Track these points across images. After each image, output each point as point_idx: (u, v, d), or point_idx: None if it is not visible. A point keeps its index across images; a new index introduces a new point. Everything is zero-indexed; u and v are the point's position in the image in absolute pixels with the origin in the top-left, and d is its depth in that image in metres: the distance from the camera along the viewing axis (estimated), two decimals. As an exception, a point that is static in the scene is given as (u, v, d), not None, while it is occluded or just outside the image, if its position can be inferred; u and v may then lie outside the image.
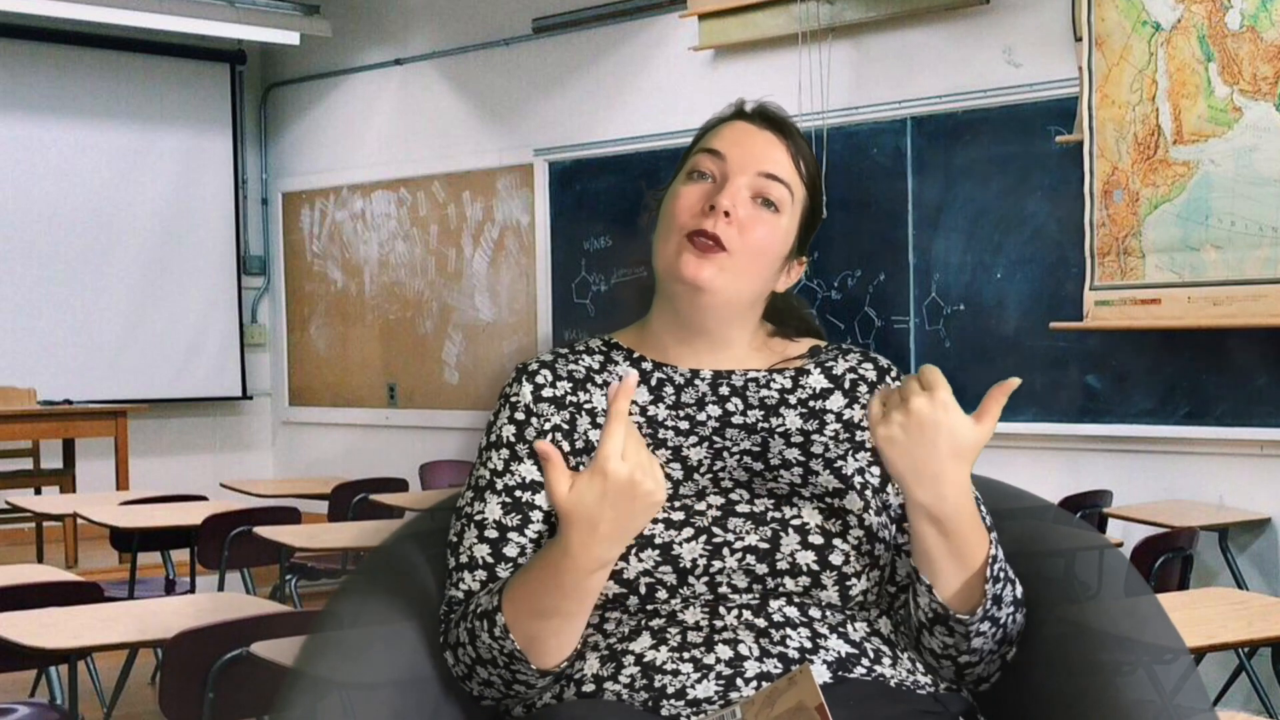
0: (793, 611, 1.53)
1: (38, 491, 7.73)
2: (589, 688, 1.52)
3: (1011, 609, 1.56)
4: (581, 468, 1.61)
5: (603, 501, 1.42)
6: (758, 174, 1.64)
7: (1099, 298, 5.48)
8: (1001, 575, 1.53)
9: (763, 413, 1.66)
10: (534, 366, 1.68)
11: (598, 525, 1.43)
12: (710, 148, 1.65)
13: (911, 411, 1.45)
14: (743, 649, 1.50)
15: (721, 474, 1.60)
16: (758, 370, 1.69)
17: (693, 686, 1.48)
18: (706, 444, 1.63)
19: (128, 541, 4.97)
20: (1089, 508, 5.15)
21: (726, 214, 1.61)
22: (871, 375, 1.70)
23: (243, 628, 2.96)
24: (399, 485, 6.10)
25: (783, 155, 1.66)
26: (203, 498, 5.67)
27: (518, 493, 1.62)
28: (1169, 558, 4.21)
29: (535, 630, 1.49)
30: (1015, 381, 1.50)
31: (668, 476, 1.59)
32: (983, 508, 1.66)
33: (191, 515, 4.94)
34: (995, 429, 1.50)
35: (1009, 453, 5.92)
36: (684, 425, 1.65)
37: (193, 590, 4.92)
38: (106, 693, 4.37)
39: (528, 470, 1.63)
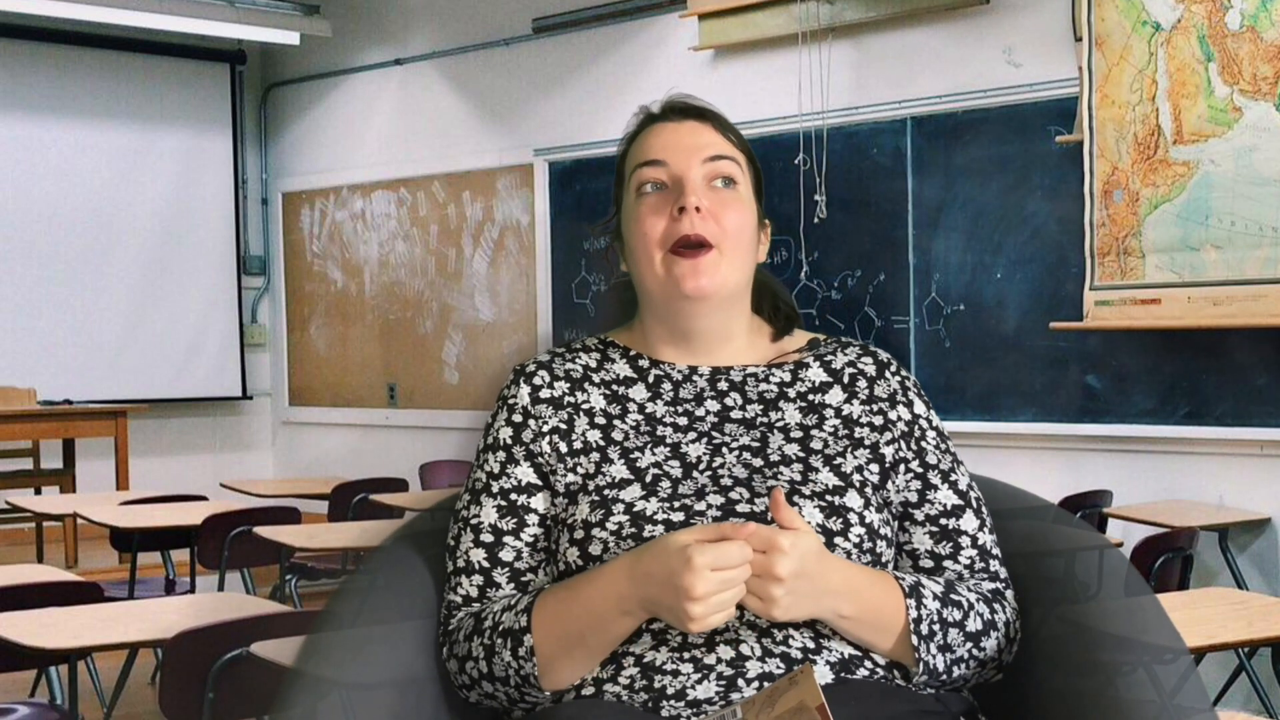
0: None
1: (38, 491, 7.72)
2: (589, 690, 1.52)
3: (971, 645, 1.56)
4: (579, 468, 1.61)
5: (662, 557, 1.43)
6: (704, 161, 1.64)
7: (1099, 298, 5.48)
8: (935, 630, 1.52)
9: (761, 407, 1.65)
10: (531, 368, 1.68)
11: (642, 565, 1.45)
12: (648, 159, 1.64)
13: (785, 577, 1.42)
14: (745, 649, 1.49)
15: (721, 471, 1.59)
16: (756, 365, 1.69)
17: (693, 687, 1.48)
18: (705, 440, 1.62)
19: (128, 541, 4.97)
20: (1089, 508, 5.15)
21: (699, 209, 1.61)
22: (871, 370, 1.69)
23: (243, 628, 2.96)
24: (399, 485, 6.09)
25: (714, 135, 1.66)
26: (203, 498, 5.66)
27: (513, 496, 1.62)
28: (1169, 558, 4.20)
29: (556, 654, 1.51)
30: (779, 492, 1.48)
31: (666, 475, 1.59)
32: (984, 508, 1.66)
33: (191, 515, 4.93)
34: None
35: (1009, 453, 5.92)
36: (682, 421, 1.64)
37: (193, 590, 4.91)
38: (106, 693, 4.36)
39: (523, 473, 1.63)
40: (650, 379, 1.68)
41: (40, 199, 8.37)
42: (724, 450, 1.61)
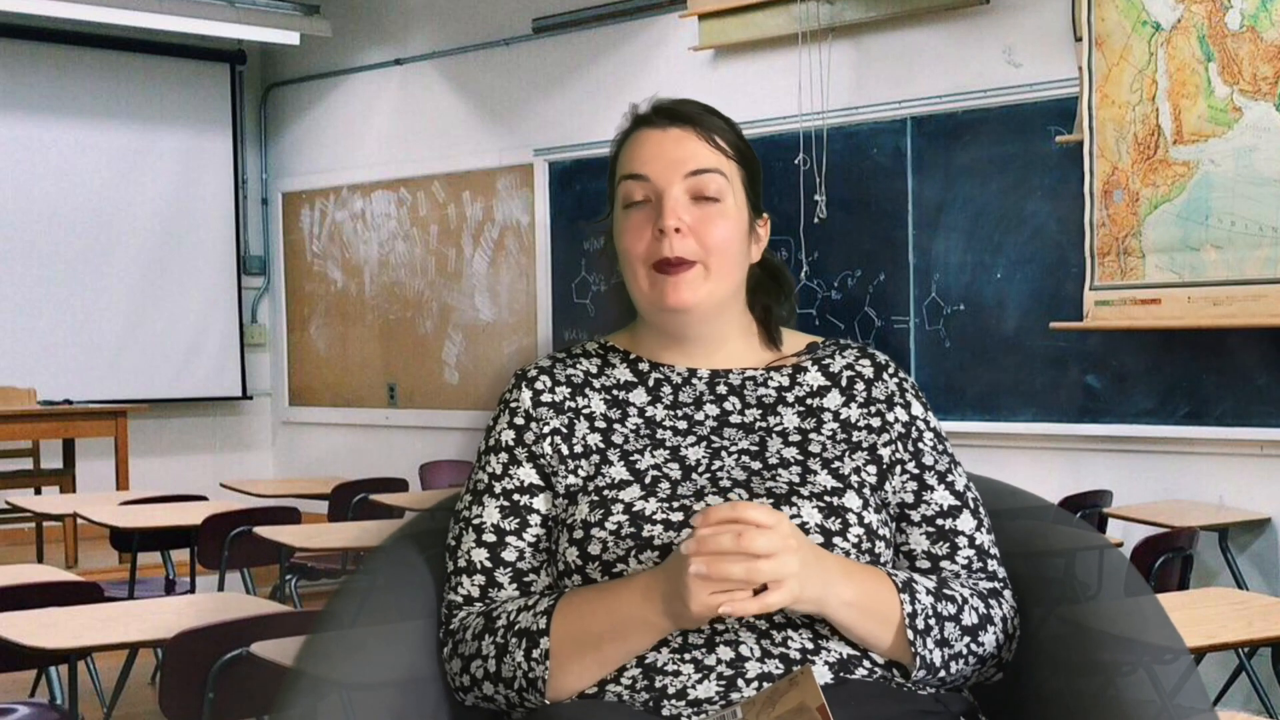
0: (794, 612, 1.52)
1: (38, 491, 7.72)
2: (590, 689, 1.52)
3: (969, 640, 1.56)
4: (580, 470, 1.62)
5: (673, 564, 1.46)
6: (685, 176, 1.62)
7: (1099, 298, 5.48)
8: (931, 625, 1.52)
9: (760, 411, 1.66)
10: (533, 372, 1.68)
11: (657, 578, 1.47)
12: (632, 173, 1.64)
13: (769, 552, 1.42)
14: (744, 649, 1.49)
15: (720, 473, 1.60)
16: (755, 369, 1.69)
17: (693, 687, 1.48)
18: (704, 444, 1.63)
19: (128, 541, 4.97)
20: (1089, 508, 5.15)
21: (677, 230, 1.60)
22: (868, 372, 1.69)
23: (243, 628, 2.96)
24: (399, 485, 6.09)
25: (698, 145, 1.64)
26: (203, 498, 5.66)
27: (515, 496, 1.62)
28: (1169, 558, 4.21)
29: (570, 660, 1.50)
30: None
31: (665, 477, 1.59)
32: (981, 508, 1.66)
33: (191, 515, 4.93)
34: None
35: (1009, 453, 5.92)
36: (682, 425, 1.65)
37: (193, 590, 4.91)
38: (106, 693, 4.36)
39: (526, 473, 1.63)
40: (650, 383, 1.68)
41: (40, 199, 8.37)
42: (723, 454, 1.62)
